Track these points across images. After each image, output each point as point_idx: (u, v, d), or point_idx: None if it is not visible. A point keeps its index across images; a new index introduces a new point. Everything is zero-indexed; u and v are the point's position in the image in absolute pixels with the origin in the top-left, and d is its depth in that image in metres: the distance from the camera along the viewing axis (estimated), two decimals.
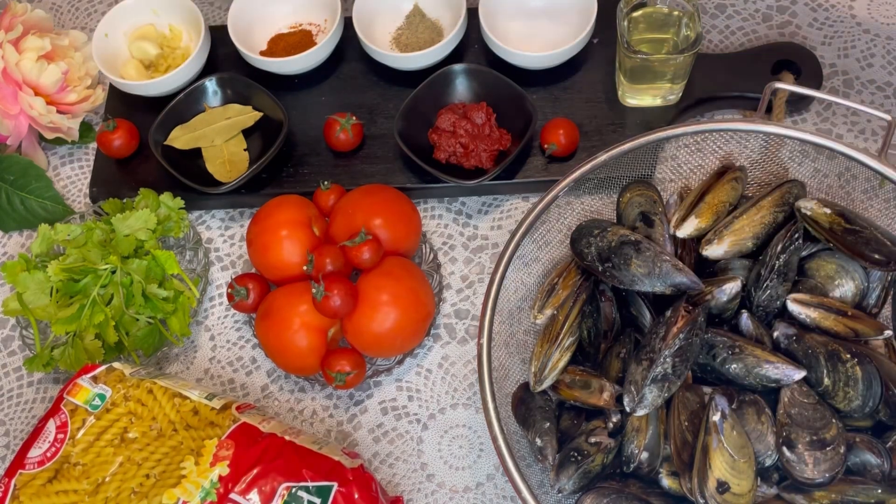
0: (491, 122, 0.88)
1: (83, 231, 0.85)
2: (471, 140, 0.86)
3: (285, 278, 0.81)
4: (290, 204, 0.83)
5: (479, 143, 0.86)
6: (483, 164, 0.87)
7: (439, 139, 0.88)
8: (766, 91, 0.76)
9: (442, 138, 0.87)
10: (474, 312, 0.85)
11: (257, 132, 0.94)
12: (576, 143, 0.88)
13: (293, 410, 0.82)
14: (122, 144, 0.92)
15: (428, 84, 0.90)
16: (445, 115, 0.88)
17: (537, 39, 0.95)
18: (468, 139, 0.87)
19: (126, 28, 0.99)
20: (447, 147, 0.87)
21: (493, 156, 0.87)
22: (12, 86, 0.91)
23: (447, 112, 0.88)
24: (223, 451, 0.67)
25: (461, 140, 0.87)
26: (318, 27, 1.00)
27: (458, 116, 0.88)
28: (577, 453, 0.67)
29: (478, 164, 0.87)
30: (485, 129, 0.87)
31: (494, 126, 0.88)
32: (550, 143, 0.87)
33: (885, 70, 0.93)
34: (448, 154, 0.87)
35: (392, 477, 0.78)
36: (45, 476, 0.69)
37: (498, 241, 0.89)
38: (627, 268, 0.68)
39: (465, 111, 0.88)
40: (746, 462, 0.62)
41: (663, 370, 0.64)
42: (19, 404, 0.85)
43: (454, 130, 0.87)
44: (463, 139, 0.87)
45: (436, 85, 0.91)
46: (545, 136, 0.88)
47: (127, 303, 0.82)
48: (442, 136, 0.87)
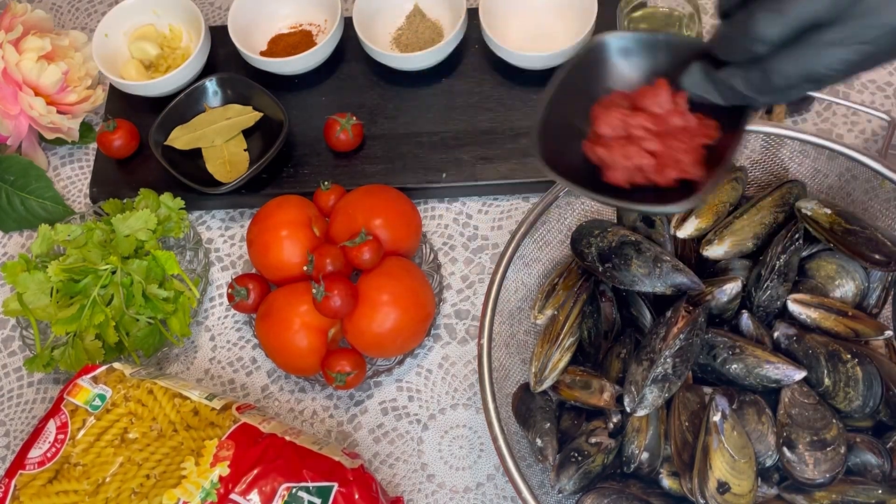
0: (681, 107, 0.56)
1: (83, 231, 0.85)
2: (660, 142, 0.55)
3: (285, 278, 0.81)
4: (291, 204, 0.83)
5: (674, 142, 0.55)
6: (689, 174, 0.55)
7: (608, 153, 0.56)
8: None
9: (612, 151, 0.56)
10: (474, 313, 0.85)
11: (257, 132, 0.94)
12: None
13: (293, 411, 0.82)
14: (122, 144, 0.92)
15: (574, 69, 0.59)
16: (606, 115, 0.57)
17: (537, 39, 0.95)
18: (655, 141, 0.55)
19: (126, 28, 0.99)
20: (624, 162, 0.56)
21: (699, 157, 0.55)
22: (12, 86, 0.91)
23: (606, 108, 0.57)
24: (223, 452, 0.67)
25: (645, 145, 0.55)
26: (318, 27, 1.00)
27: (627, 111, 0.57)
28: (578, 453, 0.67)
29: (680, 175, 0.55)
30: (674, 120, 0.56)
31: (687, 111, 0.56)
32: None
33: (885, 70, 0.93)
34: (629, 172, 0.56)
35: (392, 477, 0.78)
36: (45, 476, 0.69)
37: (498, 242, 0.89)
38: (628, 268, 0.68)
39: (634, 100, 0.57)
40: (747, 462, 0.62)
41: (664, 370, 0.64)
42: (19, 405, 0.85)
43: (629, 134, 0.56)
44: (648, 143, 0.55)
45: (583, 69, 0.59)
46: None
47: (127, 303, 0.82)
48: (612, 148, 0.56)
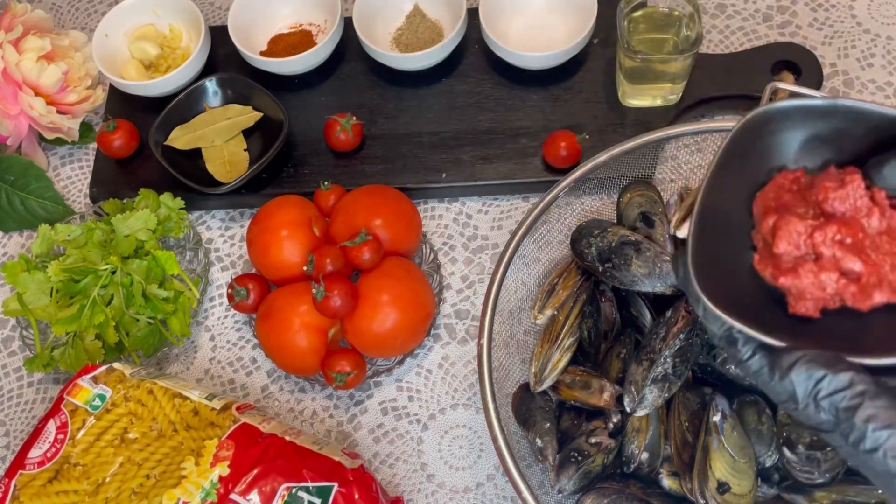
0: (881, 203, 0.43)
1: (83, 231, 0.85)
2: (861, 258, 0.42)
3: (285, 278, 0.81)
4: (291, 204, 0.83)
5: (878, 254, 0.42)
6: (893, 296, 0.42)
7: (793, 280, 0.43)
8: (766, 91, 0.75)
9: (800, 277, 0.42)
10: (474, 313, 0.85)
11: (257, 132, 0.94)
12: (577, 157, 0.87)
13: (293, 411, 0.82)
14: (122, 144, 0.92)
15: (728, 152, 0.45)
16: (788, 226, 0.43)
17: (537, 39, 0.95)
18: (856, 259, 0.42)
19: (126, 28, 0.99)
20: (819, 293, 0.43)
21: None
22: (12, 86, 0.91)
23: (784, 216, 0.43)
24: (223, 452, 0.67)
25: (844, 265, 0.42)
26: (318, 27, 1.00)
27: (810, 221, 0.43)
28: (578, 453, 0.67)
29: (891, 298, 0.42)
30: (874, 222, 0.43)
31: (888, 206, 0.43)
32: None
33: (885, 70, 0.93)
34: (824, 301, 0.43)
35: (392, 477, 0.78)
36: (45, 476, 0.69)
37: (498, 242, 0.89)
38: (628, 268, 0.68)
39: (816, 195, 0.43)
40: (747, 462, 0.62)
41: (664, 370, 0.64)
42: (19, 405, 0.85)
43: (818, 253, 0.42)
44: (847, 261, 0.42)
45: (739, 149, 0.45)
46: (546, 149, 0.87)
47: (127, 303, 0.82)
48: (798, 274, 0.43)
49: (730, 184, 0.44)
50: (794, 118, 0.44)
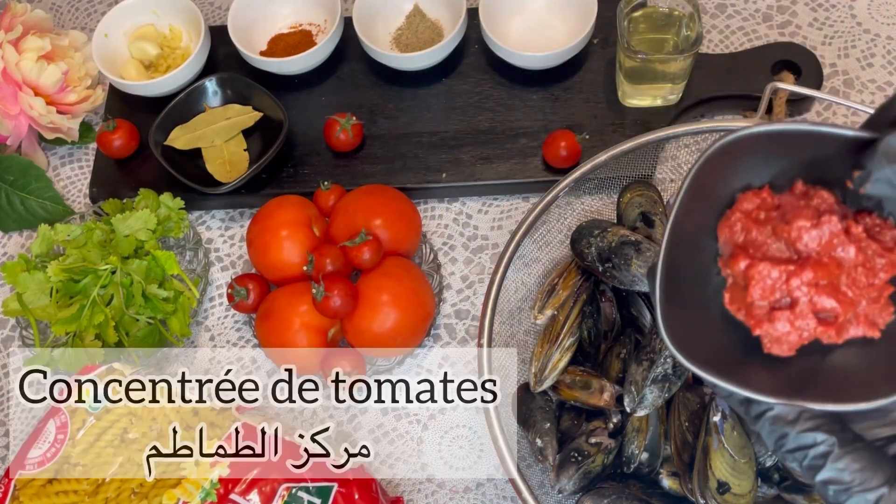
0: (855, 234, 0.41)
1: (83, 231, 0.85)
2: (841, 299, 0.40)
3: (285, 278, 0.81)
4: (291, 204, 0.83)
5: (854, 288, 0.40)
6: (869, 331, 0.41)
7: (769, 326, 0.41)
8: (766, 91, 0.76)
9: (775, 322, 0.41)
10: (474, 313, 0.85)
11: (257, 132, 0.94)
12: (577, 157, 0.87)
13: (293, 411, 0.82)
14: (122, 144, 0.92)
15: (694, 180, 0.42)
16: (761, 274, 0.41)
17: (537, 39, 0.95)
18: (832, 298, 0.40)
19: (126, 28, 0.99)
20: (796, 340, 0.41)
21: (885, 305, 0.41)
22: (12, 86, 0.91)
23: (755, 263, 0.41)
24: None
25: (820, 305, 0.40)
26: (318, 27, 1.00)
27: (787, 255, 0.41)
28: (578, 454, 0.67)
29: (868, 331, 0.41)
30: (847, 251, 0.40)
31: (865, 236, 0.41)
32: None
33: (885, 70, 0.93)
34: (798, 342, 0.41)
35: (392, 477, 0.78)
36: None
37: (498, 242, 0.89)
38: (628, 268, 0.68)
39: (788, 233, 0.41)
40: (747, 462, 0.62)
41: (664, 370, 0.64)
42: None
43: (793, 298, 0.40)
44: (823, 301, 0.40)
45: (705, 176, 0.43)
46: (546, 149, 0.87)
47: (127, 303, 0.82)
48: (774, 320, 0.41)
49: (692, 227, 0.42)
50: (746, 146, 0.42)
